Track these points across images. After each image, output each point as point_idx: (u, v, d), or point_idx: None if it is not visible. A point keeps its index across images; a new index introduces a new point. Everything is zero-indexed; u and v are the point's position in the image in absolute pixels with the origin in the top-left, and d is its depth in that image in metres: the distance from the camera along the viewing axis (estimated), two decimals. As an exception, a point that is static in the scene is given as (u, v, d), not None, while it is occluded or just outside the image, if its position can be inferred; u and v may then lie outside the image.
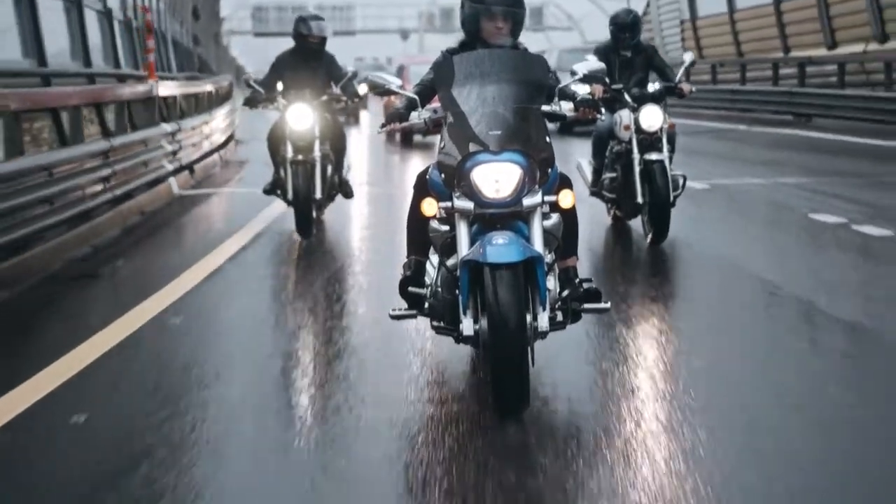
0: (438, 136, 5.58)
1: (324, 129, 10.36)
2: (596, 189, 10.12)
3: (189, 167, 15.50)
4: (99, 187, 10.93)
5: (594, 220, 10.28)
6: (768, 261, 8.88)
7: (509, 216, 5.29)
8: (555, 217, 5.45)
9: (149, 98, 14.87)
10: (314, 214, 10.46)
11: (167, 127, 14.77)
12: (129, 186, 12.01)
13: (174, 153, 14.68)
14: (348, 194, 11.04)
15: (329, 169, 10.56)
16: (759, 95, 26.94)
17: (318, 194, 10.28)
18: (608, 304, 5.77)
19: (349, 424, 5.17)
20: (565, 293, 5.60)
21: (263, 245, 10.31)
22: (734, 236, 10.43)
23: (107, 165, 11.27)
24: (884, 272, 8.49)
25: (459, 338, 5.42)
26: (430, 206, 5.33)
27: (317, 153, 10.27)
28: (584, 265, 7.24)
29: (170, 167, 14.25)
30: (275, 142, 10.55)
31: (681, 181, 9.48)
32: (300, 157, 10.22)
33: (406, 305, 5.79)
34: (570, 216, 5.56)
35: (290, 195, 10.27)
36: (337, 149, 10.65)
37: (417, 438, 4.90)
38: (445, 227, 5.46)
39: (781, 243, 9.93)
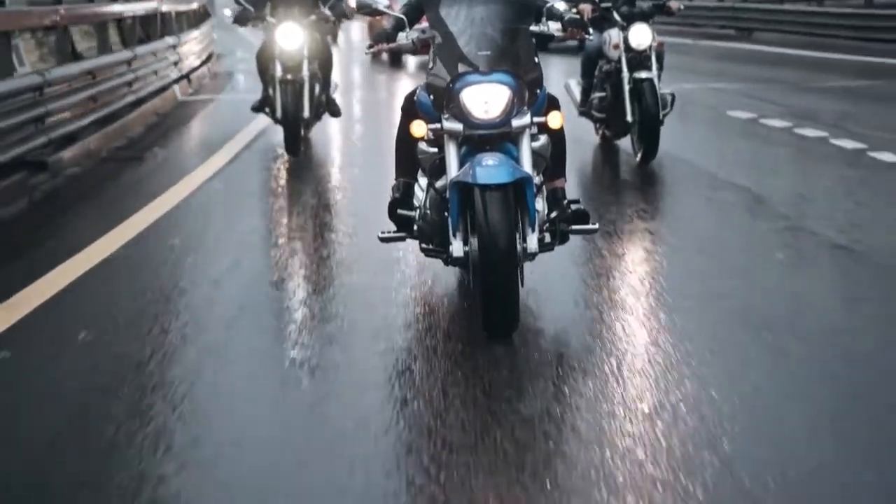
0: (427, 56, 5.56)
1: (312, 48, 10.38)
2: (585, 109, 10.08)
3: (187, 76, 17.01)
4: (125, 90, 12.74)
5: (583, 140, 10.25)
6: (706, 154, 10.07)
7: (498, 137, 5.28)
8: (543, 138, 5.45)
9: (152, 14, 16.52)
10: (302, 133, 10.59)
11: (170, 40, 16.17)
12: (147, 91, 13.82)
13: (176, 63, 16.04)
14: (335, 113, 11.12)
15: (317, 88, 10.64)
16: (705, 11, 28.04)
17: (307, 113, 10.38)
18: (596, 226, 5.79)
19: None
20: (553, 214, 5.62)
21: (272, 134, 11.41)
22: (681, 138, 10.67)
23: (131, 71, 12.96)
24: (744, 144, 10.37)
25: (448, 260, 5.44)
26: (418, 128, 5.32)
27: (305, 72, 10.33)
28: (572, 185, 7.60)
29: (174, 76, 15.80)
30: (264, 61, 10.61)
31: (669, 99, 9.45)
32: (289, 76, 10.29)
33: (395, 228, 5.80)
34: (558, 137, 5.55)
35: (278, 113, 10.39)
36: (324, 68, 10.71)
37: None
38: (434, 149, 5.46)
39: (723, 140, 11.20)
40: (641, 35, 9.32)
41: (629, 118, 9.42)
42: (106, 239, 7.25)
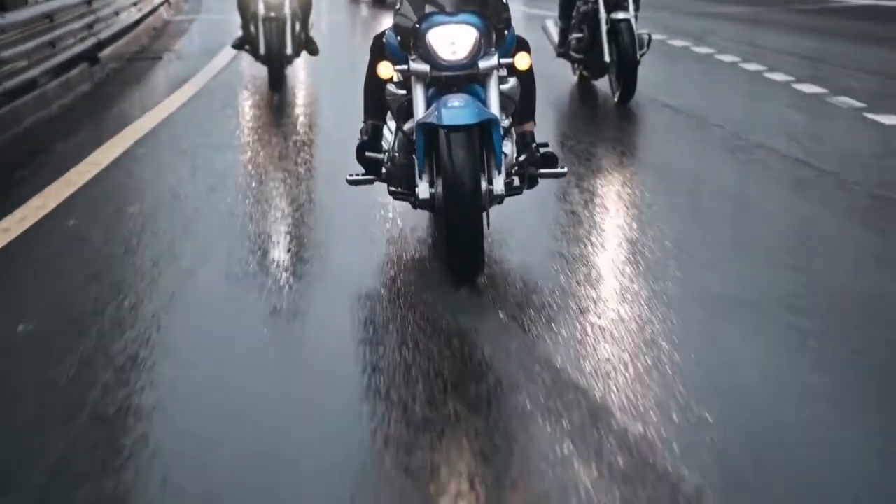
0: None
1: None
2: (563, 50, 10.09)
3: (167, 1, 19.49)
4: (135, 10, 15.52)
5: (562, 80, 10.25)
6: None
7: (465, 79, 5.24)
8: (512, 81, 5.39)
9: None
10: (283, 69, 10.90)
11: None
12: (144, 12, 16.28)
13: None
14: (314, 51, 11.34)
15: (297, 26, 10.86)
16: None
17: (290, 50, 10.71)
18: (565, 169, 5.77)
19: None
20: (522, 158, 5.58)
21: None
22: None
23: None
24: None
25: (416, 202, 5.42)
26: (386, 69, 5.28)
27: (287, 10, 10.62)
28: (552, 123, 8.13)
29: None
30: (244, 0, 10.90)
31: (646, 38, 9.44)
32: (272, 13, 10.57)
33: (363, 171, 5.78)
34: (527, 80, 5.50)
35: (261, 50, 10.65)
36: (304, 7, 10.97)
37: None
38: (402, 91, 5.40)
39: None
40: None
41: (606, 59, 9.42)
42: (156, 110, 9.86)
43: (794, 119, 8.89)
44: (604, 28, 9.35)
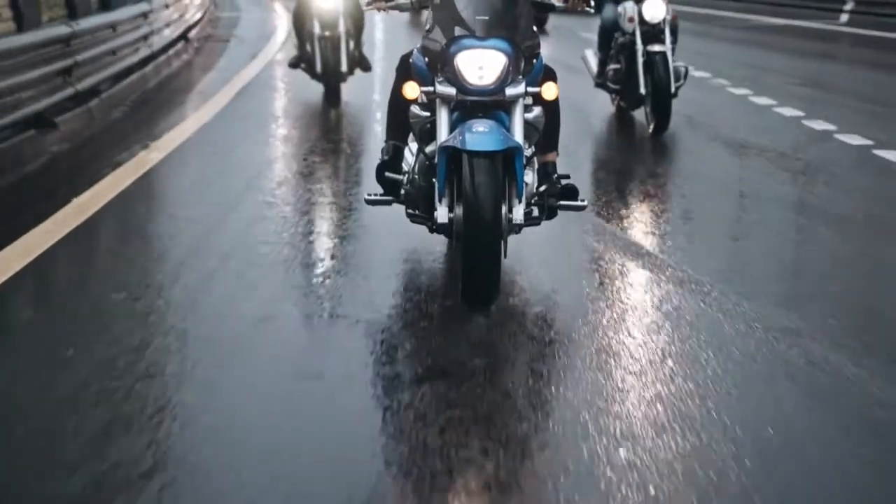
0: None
1: (346, 6, 10.93)
2: (601, 80, 10.09)
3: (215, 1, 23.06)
4: (197, 7, 18.57)
5: (602, 108, 10.34)
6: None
7: (491, 105, 5.16)
8: (537, 110, 5.32)
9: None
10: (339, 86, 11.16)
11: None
12: (204, 10, 19.40)
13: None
14: (366, 68, 11.53)
15: (350, 44, 11.12)
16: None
17: (344, 67, 10.95)
18: (585, 202, 5.67)
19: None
20: (543, 188, 5.51)
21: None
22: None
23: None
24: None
25: (434, 227, 5.35)
26: (411, 90, 5.21)
27: (341, 28, 10.87)
28: (588, 151, 8.37)
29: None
30: (301, 18, 11.15)
31: (683, 71, 9.44)
32: (327, 32, 10.86)
33: (382, 191, 5.71)
34: (552, 110, 5.44)
35: (318, 68, 10.95)
36: (356, 25, 11.23)
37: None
38: (426, 113, 5.34)
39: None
40: (655, 8, 9.33)
41: (642, 90, 9.42)
42: (237, 77, 13.10)
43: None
44: (640, 60, 9.35)
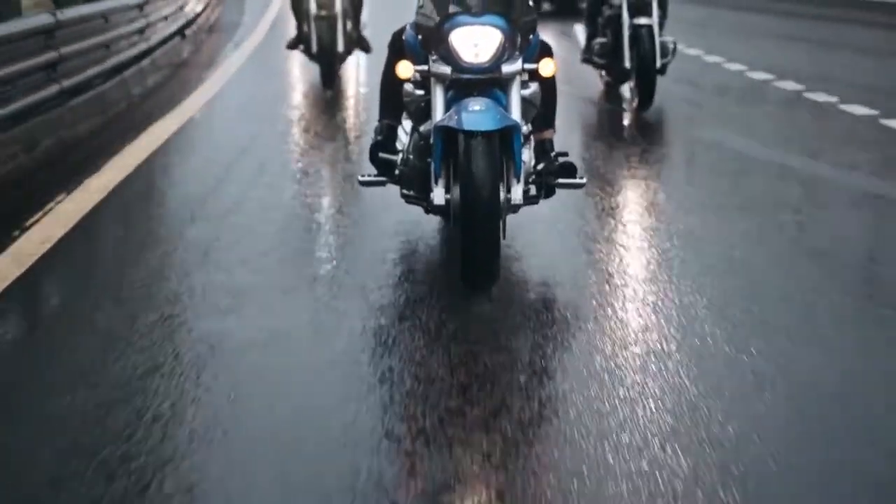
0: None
1: None
2: (587, 56, 9.93)
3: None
4: None
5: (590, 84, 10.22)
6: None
7: (487, 83, 5.04)
8: (533, 86, 5.22)
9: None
10: (335, 66, 10.93)
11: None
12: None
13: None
14: (366, 49, 11.26)
15: (348, 25, 10.88)
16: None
17: (341, 47, 10.72)
18: (584, 180, 5.57)
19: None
20: (540, 166, 5.40)
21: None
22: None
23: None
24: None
25: (429, 207, 5.25)
26: (405, 69, 5.09)
27: (338, 8, 10.65)
28: (571, 131, 7.81)
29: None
30: None
31: (671, 47, 9.29)
32: (323, 12, 10.63)
33: (376, 171, 5.60)
34: (549, 86, 5.33)
35: (314, 49, 10.72)
36: (355, 4, 11.03)
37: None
38: (420, 92, 5.23)
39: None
40: None
41: (627, 64, 9.28)
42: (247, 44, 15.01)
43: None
44: (626, 33, 9.20)
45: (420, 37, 5.17)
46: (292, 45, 11.21)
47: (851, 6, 18.45)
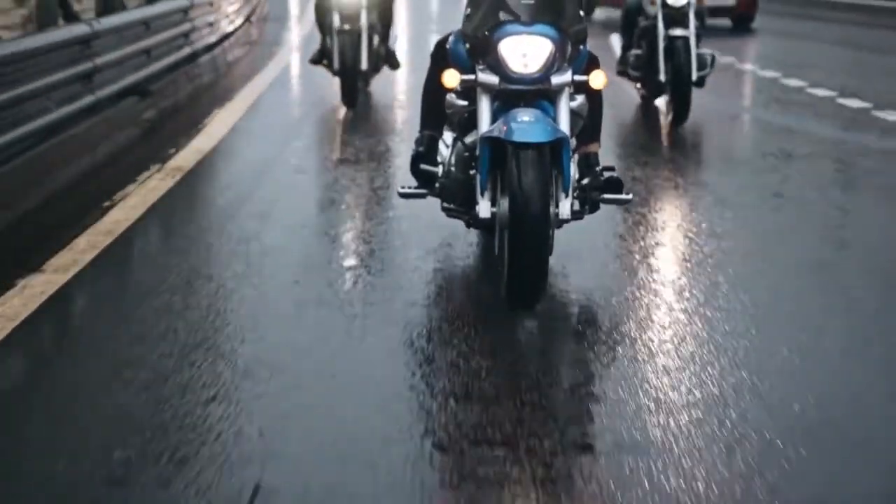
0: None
1: None
2: (622, 67, 9.65)
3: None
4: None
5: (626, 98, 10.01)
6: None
7: (535, 94, 4.89)
8: (580, 98, 5.07)
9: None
10: (359, 85, 10.21)
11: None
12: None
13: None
14: (394, 65, 10.68)
15: (375, 39, 10.25)
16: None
17: (364, 65, 9.99)
18: (630, 196, 5.42)
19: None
20: (585, 181, 5.24)
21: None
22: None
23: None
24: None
25: (472, 221, 5.11)
26: (451, 78, 4.93)
27: (363, 22, 9.93)
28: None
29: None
30: (322, 10, 10.25)
31: (709, 59, 9.04)
32: (346, 26, 9.91)
33: (416, 183, 5.43)
34: (596, 98, 5.19)
35: (336, 65, 10.01)
36: (384, 18, 10.34)
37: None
38: (464, 102, 5.08)
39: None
40: None
41: (662, 77, 9.06)
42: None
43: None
44: (661, 45, 8.98)
45: (467, 45, 5.02)
46: (316, 60, 10.47)
47: None
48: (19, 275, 5.19)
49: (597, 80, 4.96)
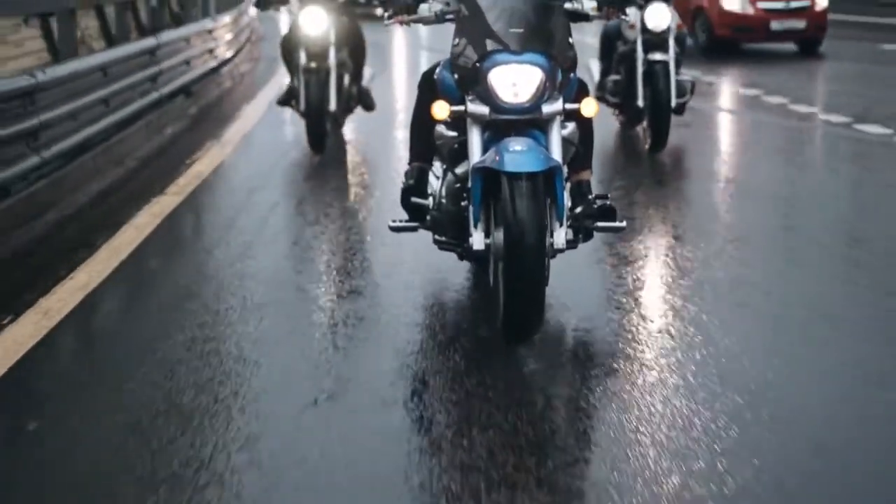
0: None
1: (340, 34, 9.35)
2: (600, 93, 9.36)
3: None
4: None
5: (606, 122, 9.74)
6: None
7: (526, 123, 4.82)
8: (571, 126, 5.01)
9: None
10: (328, 127, 9.48)
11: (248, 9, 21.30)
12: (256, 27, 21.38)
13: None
14: (369, 106, 9.99)
15: (346, 78, 9.59)
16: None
17: (333, 106, 9.26)
18: (624, 224, 5.34)
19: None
20: (578, 209, 5.17)
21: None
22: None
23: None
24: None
25: (465, 253, 5.03)
26: (441, 109, 4.85)
27: (332, 60, 9.24)
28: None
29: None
30: (288, 48, 9.57)
31: (688, 86, 8.97)
32: (313, 64, 9.23)
33: (407, 217, 5.36)
34: (586, 126, 5.13)
35: (301, 106, 9.35)
36: (356, 56, 9.69)
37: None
38: (453, 133, 5.01)
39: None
40: (659, 15, 8.80)
41: (640, 103, 8.94)
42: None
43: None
44: (639, 70, 8.88)
45: (456, 76, 4.94)
46: (283, 101, 9.70)
47: None
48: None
49: (588, 108, 4.91)
